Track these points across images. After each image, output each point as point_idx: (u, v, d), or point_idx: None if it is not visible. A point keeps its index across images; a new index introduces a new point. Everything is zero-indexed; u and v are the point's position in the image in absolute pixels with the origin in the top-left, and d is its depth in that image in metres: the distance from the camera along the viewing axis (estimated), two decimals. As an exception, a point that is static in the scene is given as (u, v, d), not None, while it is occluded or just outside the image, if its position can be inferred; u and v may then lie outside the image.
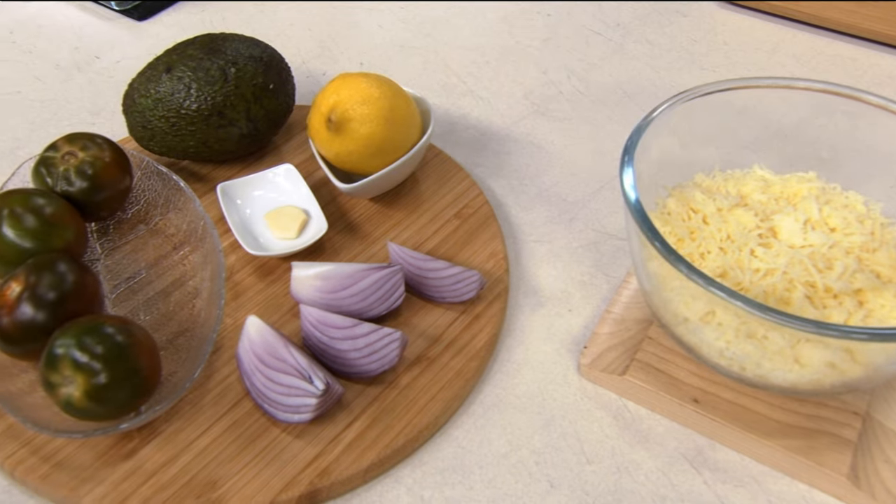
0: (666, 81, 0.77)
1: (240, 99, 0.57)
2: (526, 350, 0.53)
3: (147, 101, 0.57)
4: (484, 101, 0.74)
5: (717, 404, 0.48)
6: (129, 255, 0.56)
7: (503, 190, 0.65)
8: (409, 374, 0.50)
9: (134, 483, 0.44)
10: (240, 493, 0.44)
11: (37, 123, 0.69)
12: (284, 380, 0.46)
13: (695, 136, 0.53)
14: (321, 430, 0.47)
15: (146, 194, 0.58)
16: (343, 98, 0.54)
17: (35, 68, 0.75)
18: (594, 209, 0.64)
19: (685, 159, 0.54)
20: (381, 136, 0.55)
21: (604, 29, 0.84)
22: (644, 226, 0.43)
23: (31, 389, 0.47)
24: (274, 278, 0.55)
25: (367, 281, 0.51)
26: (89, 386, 0.42)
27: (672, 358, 0.51)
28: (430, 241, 0.58)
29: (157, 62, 0.58)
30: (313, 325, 0.49)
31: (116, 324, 0.44)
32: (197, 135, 0.58)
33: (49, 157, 0.53)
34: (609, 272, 0.59)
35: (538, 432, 0.49)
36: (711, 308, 0.44)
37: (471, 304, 0.54)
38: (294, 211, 0.57)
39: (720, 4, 0.88)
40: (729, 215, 0.49)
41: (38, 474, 0.44)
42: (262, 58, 0.59)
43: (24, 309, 0.45)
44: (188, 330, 0.51)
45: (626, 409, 0.50)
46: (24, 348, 0.46)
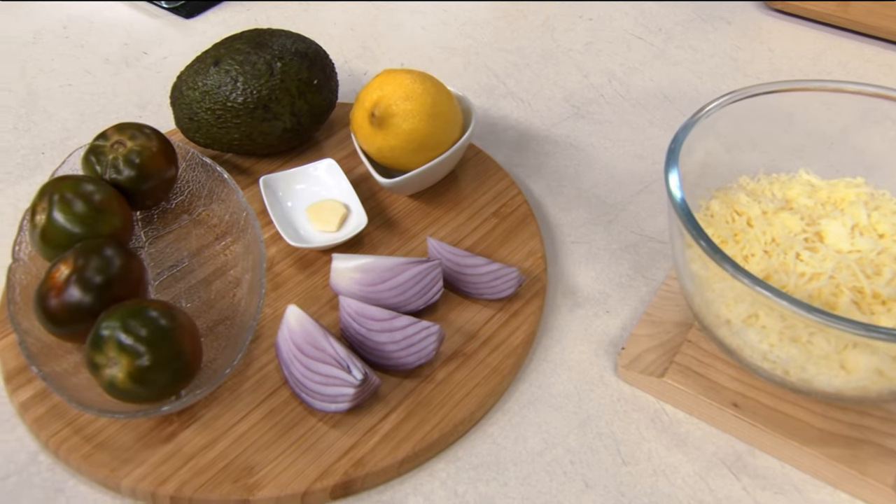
0: (708, 87, 0.76)
1: (284, 93, 0.58)
2: (563, 350, 0.53)
3: (194, 94, 0.58)
4: (524, 103, 0.74)
5: (757, 409, 0.47)
6: (173, 243, 0.57)
7: (542, 191, 0.65)
8: (446, 368, 0.50)
9: (172, 466, 0.45)
10: (276, 480, 0.44)
11: (86, 115, 0.70)
12: (323, 369, 0.46)
13: (740, 139, 0.53)
14: (357, 420, 0.47)
15: (190, 185, 0.59)
16: (387, 93, 0.55)
17: (86, 62, 0.77)
18: (634, 212, 0.63)
19: (729, 162, 0.53)
20: (423, 132, 0.55)
21: (646, 34, 0.84)
22: (689, 224, 0.42)
23: (76, 371, 0.47)
24: (313, 270, 0.56)
25: (406, 275, 0.51)
26: (133, 368, 0.43)
27: (712, 362, 0.50)
28: (469, 239, 0.58)
29: (205, 55, 0.59)
30: (352, 316, 0.49)
31: (161, 308, 0.45)
32: (241, 127, 0.58)
33: (99, 145, 0.55)
34: (648, 275, 0.58)
35: (574, 432, 0.49)
36: (755, 311, 0.43)
37: (508, 302, 0.54)
38: (335, 205, 0.58)
39: (765, 11, 0.87)
40: (774, 218, 0.48)
41: (81, 454, 0.45)
42: (307, 53, 0.60)
43: (71, 291, 0.46)
44: (228, 318, 0.52)
45: (663, 412, 0.50)
46: (71, 330, 0.47)
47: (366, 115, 0.56)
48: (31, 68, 0.75)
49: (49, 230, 0.50)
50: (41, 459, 0.46)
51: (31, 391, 0.48)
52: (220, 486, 0.44)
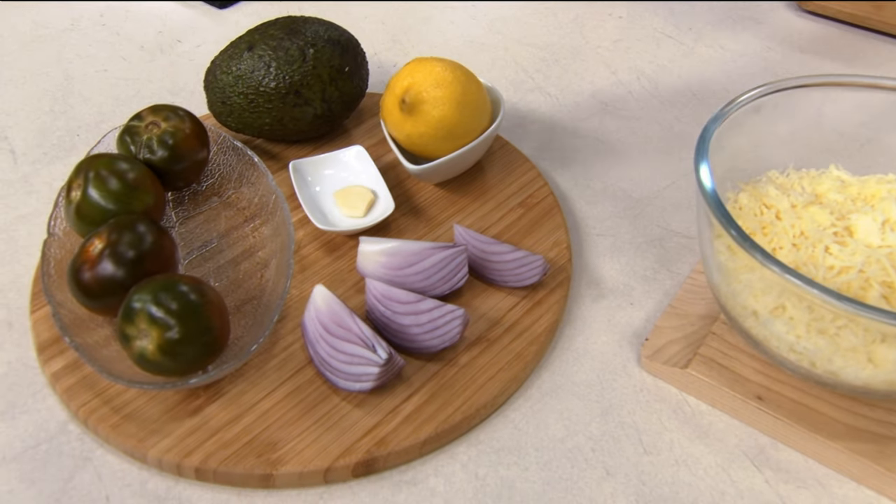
0: (738, 86, 0.76)
1: (316, 79, 0.59)
2: (586, 339, 0.53)
3: (228, 78, 0.59)
4: (552, 98, 0.74)
5: (781, 403, 0.47)
6: (202, 224, 0.58)
7: (568, 183, 0.65)
8: (469, 353, 0.50)
9: (198, 438, 0.45)
10: (299, 456, 0.45)
11: (121, 100, 0.72)
12: (348, 348, 0.47)
13: (769, 134, 0.52)
14: (380, 401, 0.47)
15: (221, 168, 0.60)
16: (417, 80, 0.55)
17: (121, 49, 0.78)
18: (660, 206, 0.63)
19: (758, 157, 0.53)
20: (452, 120, 0.56)
21: (675, 32, 0.84)
22: (719, 213, 0.42)
23: (106, 343, 0.48)
24: (340, 254, 0.56)
25: (432, 260, 0.51)
26: (163, 340, 0.44)
27: (736, 355, 0.50)
28: (494, 228, 0.59)
29: (239, 41, 0.60)
30: (377, 298, 0.50)
31: (191, 283, 0.46)
32: (273, 112, 0.59)
33: (134, 125, 0.56)
34: (673, 269, 0.58)
35: (595, 420, 0.49)
36: (781, 302, 0.43)
37: (532, 290, 0.54)
38: (362, 190, 0.59)
39: (797, 12, 0.87)
40: (803, 212, 0.48)
41: (109, 424, 0.46)
42: (339, 41, 0.61)
43: (104, 265, 0.47)
44: (255, 298, 0.53)
45: (686, 404, 0.50)
46: (103, 303, 0.47)
47: (396, 102, 0.56)
48: (69, 53, 0.77)
49: (84, 206, 0.51)
50: (70, 429, 0.47)
51: (63, 362, 0.49)
52: (245, 460, 0.44)
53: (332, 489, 0.45)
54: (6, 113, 0.70)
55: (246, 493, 0.44)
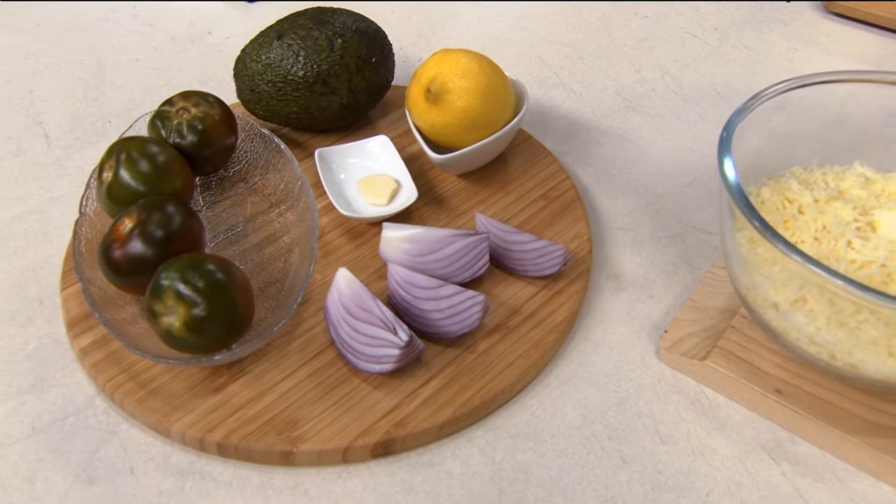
0: (763, 85, 0.75)
1: (343, 69, 0.60)
2: (604, 330, 0.53)
3: (257, 66, 0.60)
4: (576, 94, 0.75)
5: (800, 397, 0.47)
6: (229, 209, 0.59)
7: (590, 178, 0.65)
8: (488, 340, 0.51)
9: (221, 415, 0.46)
10: (319, 435, 0.45)
11: (151, 88, 0.73)
12: (369, 330, 0.47)
13: (792, 131, 0.52)
14: (400, 383, 0.48)
15: (248, 155, 0.61)
16: (443, 71, 0.56)
17: (153, 40, 0.80)
18: (681, 202, 0.63)
19: (781, 153, 0.53)
20: (476, 111, 0.56)
21: (701, 32, 0.84)
22: (741, 203, 0.42)
23: (134, 321, 0.49)
24: (363, 241, 0.57)
25: (454, 247, 0.52)
26: (189, 317, 0.45)
27: (755, 348, 0.50)
28: (515, 219, 0.59)
29: (269, 30, 0.61)
30: (399, 283, 0.51)
31: (218, 262, 0.47)
32: (300, 101, 0.60)
33: (164, 110, 0.57)
34: (693, 263, 0.58)
35: (612, 409, 0.49)
36: (802, 295, 0.43)
37: (552, 281, 0.54)
38: (386, 179, 0.59)
39: (823, 14, 0.86)
40: (826, 207, 0.48)
41: (135, 398, 0.47)
42: (367, 32, 0.62)
43: (134, 244, 0.48)
44: (279, 281, 0.54)
45: (703, 396, 0.50)
46: (131, 280, 0.49)
47: (422, 91, 0.57)
48: (102, 43, 0.79)
49: (115, 187, 0.52)
50: (97, 403, 0.48)
51: (91, 338, 0.50)
52: (266, 437, 0.45)
53: (351, 469, 0.46)
54: (42, 99, 0.71)
55: (266, 469, 0.45)
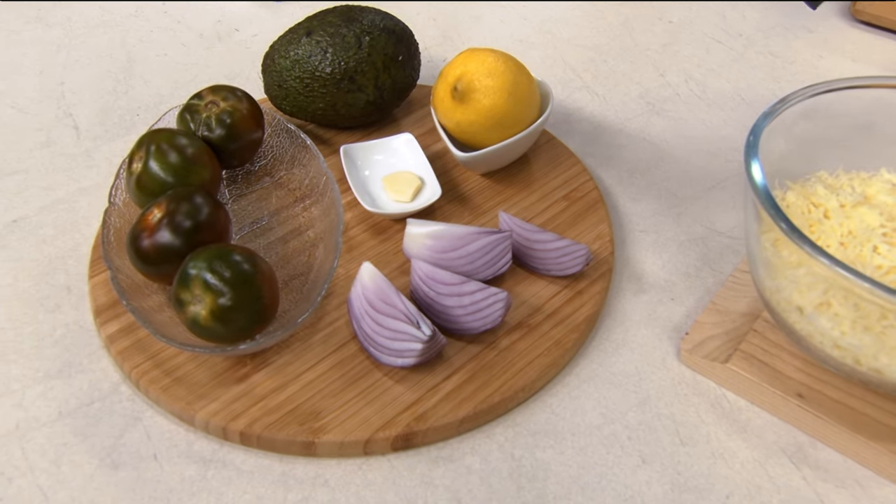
0: (787, 92, 0.75)
1: (370, 66, 0.60)
2: (625, 331, 0.54)
3: (285, 62, 0.61)
4: (599, 97, 0.75)
5: (822, 402, 0.47)
6: (254, 203, 0.60)
7: (612, 180, 0.65)
8: (509, 337, 0.51)
9: (244, 404, 0.47)
10: (341, 426, 0.46)
11: (179, 83, 0.74)
12: (392, 324, 0.48)
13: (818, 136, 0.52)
14: (421, 377, 0.48)
15: (274, 150, 0.62)
16: (470, 69, 0.56)
17: (182, 36, 0.81)
18: (704, 206, 0.63)
19: (806, 158, 0.53)
20: (502, 110, 0.57)
21: (725, 38, 0.84)
22: (768, 205, 0.42)
23: (160, 309, 0.50)
24: (386, 237, 0.57)
25: (477, 244, 0.52)
26: (215, 306, 0.45)
27: (777, 352, 0.50)
28: (538, 219, 0.59)
29: (298, 27, 0.62)
30: (422, 279, 0.51)
31: (244, 253, 0.47)
32: (327, 97, 0.61)
33: (194, 104, 0.58)
34: (715, 267, 0.58)
35: (633, 409, 0.49)
36: (827, 299, 0.43)
37: (574, 280, 0.55)
38: (410, 176, 0.60)
39: (849, 22, 0.86)
40: (852, 212, 0.48)
41: (160, 386, 0.47)
42: (394, 30, 0.62)
43: (162, 233, 0.49)
44: (303, 274, 0.54)
45: (724, 399, 0.50)
46: (159, 269, 0.49)
47: (448, 89, 0.57)
48: (132, 38, 0.80)
49: (144, 177, 0.53)
50: (122, 389, 0.49)
51: (118, 325, 0.51)
52: (288, 427, 0.46)
53: (371, 461, 0.46)
54: (72, 91, 0.72)
55: (288, 459, 0.46)
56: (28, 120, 0.69)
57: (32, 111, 0.70)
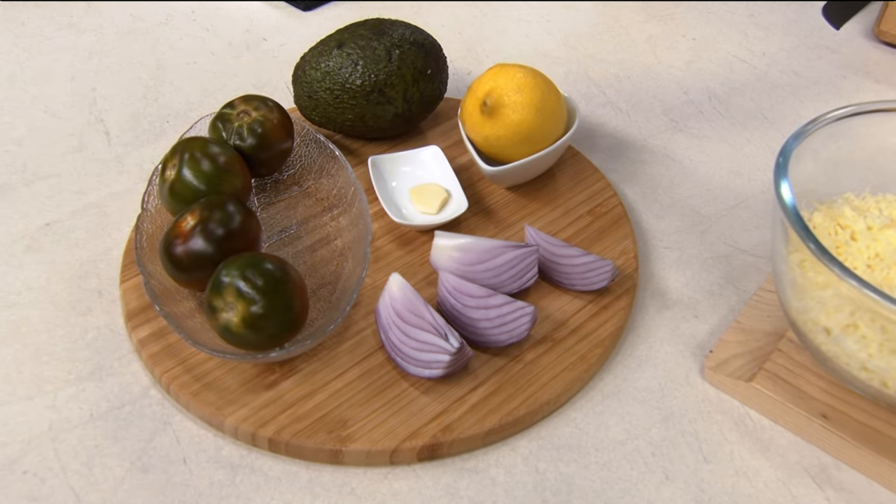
0: (810, 111, 0.76)
1: (400, 79, 0.61)
2: (649, 347, 0.54)
3: (316, 73, 0.62)
4: (622, 113, 0.75)
5: (847, 423, 0.47)
6: (283, 211, 0.60)
7: (636, 196, 0.66)
8: (534, 351, 0.51)
9: (273, 411, 0.47)
10: (368, 435, 0.46)
11: (208, 91, 0.75)
12: (420, 335, 0.48)
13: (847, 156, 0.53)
14: (447, 389, 0.49)
15: (302, 160, 0.63)
16: (499, 85, 0.57)
17: (210, 44, 0.82)
18: (728, 224, 0.64)
19: (835, 179, 0.53)
20: (530, 125, 0.57)
21: (749, 57, 0.84)
22: (797, 226, 0.43)
23: (191, 315, 0.51)
24: (412, 248, 0.58)
25: (504, 258, 0.53)
26: (247, 314, 0.46)
27: (802, 372, 0.50)
28: (562, 234, 0.60)
29: (329, 39, 0.63)
30: (449, 291, 0.51)
31: (276, 262, 0.48)
32: (356, 109, 0.62)
33: (226, 113, 0.59)
34: (739, 285, 0.58)
35: (656, 425, 0.49)
36: (854, 321, 0.43)
37: (598, 296, 0.55)
38: (437, 188, 0.60)
39: (873, 42, 0.86)
40: (879, 234, 0.48)
41: (190, 391, 0.48)
42: (423, 44, 0.63)
43: (196, 240, 0.50)
44: (330, 283, 0.55)
45: (748, 417, 0.50)
46: (191, 276, 0.50)
47: (477, 104, 0.58)
48: (162, 46, 0.81)
49: (177, 184, 0.54)
50: (152, 394, 0.50)
51: (149, 330, 0.51)
52: (316, 435, 0.46)
53: (397, 471, 0.46)
54: (104, 98, 0.74)
55: (315, 467, 0.46)
56: (60, 125, 0.70)
57: (64, 116, 0.71)
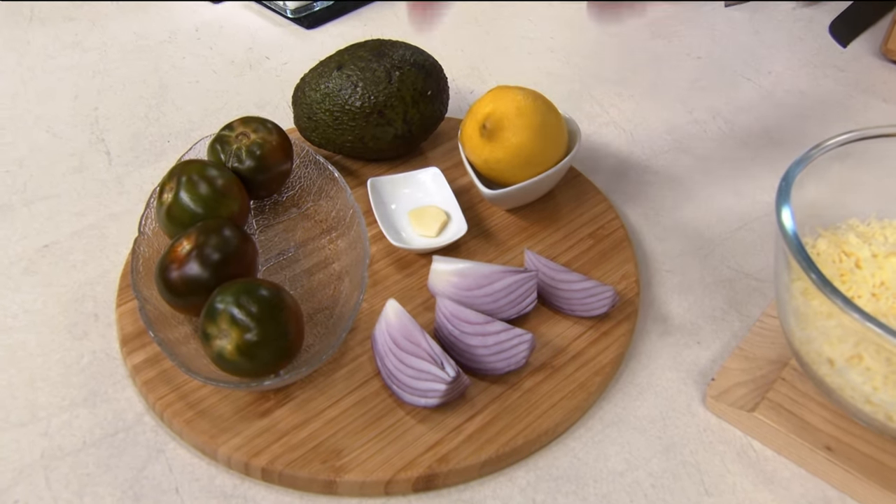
0: (816, 131, 0.75)
1: (399, 101, 0.61)
2: (650, 374, 0.53)
3: (316, 95, 0.62)
4: (626, 133, 0.75)
5: (852, 455, 0.46)
6: (281, 233, 0.60)
7: (638, 218, 0.65)
8: (533, 378, 0.51)
9: (266, 440, 0.47)
10: (362, 466, 0.45)
11: (210, 110, 0.75)
12: (416, 363, 0.47)
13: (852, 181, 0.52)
14: (444, 418, 0.48)
15: (302, 181, 0.62)
16: (499, 107, 0.57)
17: (213, 63, 0.82)
18: (731, 247, 0.63)
19: (839, 204, 0.52)
20: (530, 148, 0.57)
21: (754, 75, 0.83)
22: (800, 256, 0.42)
23: (185, 340, 0.50)
24: (411, 272, 0.57)
25: (502, 283, 0.52)
26: (241, 341, 0.46)
27: (806, 402, 0.49)
28: (563, 257, 0.59)
29: (329, 60, 0.63)
30: (447, 317, 0.51)
31: (271, 288, 0.48)
32: (356, 130, 0.61)
33: (225, 135, 0.58)
34: (742, 311, 0.57)
35: (657, 456, 0.48)
36: (858, 352, 0.42)
37: (599, 322, 0.54)
38: (436, 211, 0.60)
39: (881, 61, 0.85)
40: (885, 262, 0.47)
41: (184, 418, 0.48)
42: (424, 65, 0.63)
43: (191, 265, 0.49)
44: (328, 308, 0.54)
45: (750, 448, 0.49)
46: (186, 301, 0.50)
47: (477, 127, 0.58)
48: (165, 64, 0.81)
49: (174, 208, 0.53)
50: (146, 420, 0.49)
51: (144, 355, 0.51)
52: (310, 465, 0.45)
53: (392, 502, 0.46)
54: (105, 117, 0.74)
55: (308, 497, 0.46)
56: (62, 144, 0.70)
57: (66, 136, 0.71)
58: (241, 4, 0.91)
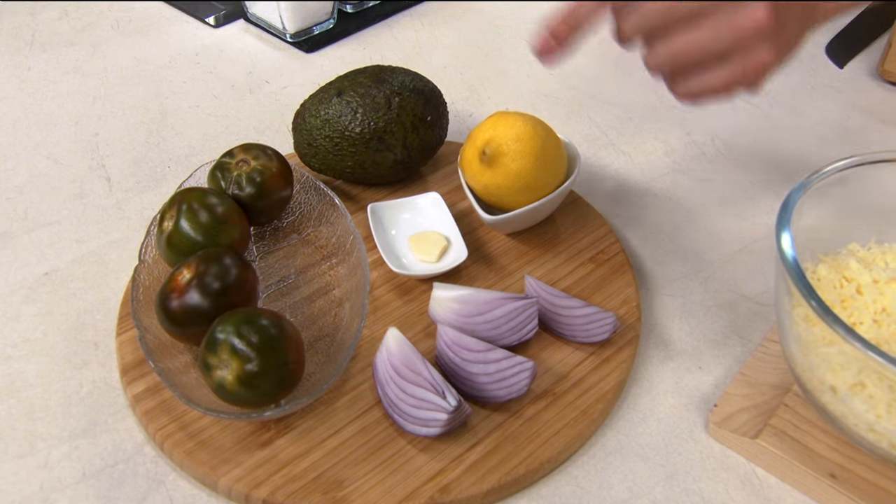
0: (814, 153, 0.75)
1: (399, 126, 0.61)
2: (652, 400, 0.53)
3: (315, 121, 0.62)
4: (625, 155, 0.75)
5: (856, 483, 0.46)
6: (281, 260, 0.60)
7: (639, 241, 0.65)
8: (535, 406, 0.50)
9: (267, 471, 0.46)
10: (364, 496, 0.45)
11: (210, 135, 0.75)
12: (418, 392, 0.47)
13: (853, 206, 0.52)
14: (445, 447, 0.48)
15: (302, 207, 0.62)
16: (499, 133, 0.57)
17: (213, 87, 0.82)
18: (732, 270, 0.63)
19: (840, 229, 0.52)
20: (529, 174, 0.57)
21: (751, 97, 0.84)
22: (800, 284, 0.42)
23: (186, 370, 0.50)
24: (411, 298, 0.57)
25: (503, 310, 0.52)
26: (242, 372, 0.45)
27: (809, 428, 0.49)
28: (564, 282, 0.59)
29: (329, 86, 0.63)
30: (448, 344, 0.51)
31: (271, 317, 0.48)
32: (356, 156, 0.62)
33: (225, 162, 0.58)
34: (744, 335, 0.57)
35: (660, 484, 0.48)
36: (861, 379, 0.42)
37: (600, 347, 0.54)
38: (437, 236, 0.60)
39: (879, 82, 0.86)
40: (886, 288, 0.47)
41: (184, 449, 0.47)
42: (423, 91, 0.63)
43: (191, 295, 0.49)
44: (328, 335, 0.54)
45: (754, 475, 0.49)
46: (186, 331, 0.50)
47: (476, 153, 0.58)
48: (165, 89, 0.81)
49: (175, 236, 0.53)
50: (146, 451, 0.49)
51: (144, 385, 0.51)
52: (311, 496, 0.45)
53: (393, 532, 0.45)
54: (106, 143, 0.74)
55: (309, 528, 0.45)
56: (62, 171, 0.70)
57: (66, 162, 0.71)
58: (240, 28, 0.92)
